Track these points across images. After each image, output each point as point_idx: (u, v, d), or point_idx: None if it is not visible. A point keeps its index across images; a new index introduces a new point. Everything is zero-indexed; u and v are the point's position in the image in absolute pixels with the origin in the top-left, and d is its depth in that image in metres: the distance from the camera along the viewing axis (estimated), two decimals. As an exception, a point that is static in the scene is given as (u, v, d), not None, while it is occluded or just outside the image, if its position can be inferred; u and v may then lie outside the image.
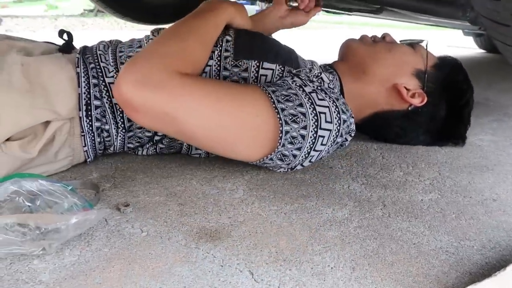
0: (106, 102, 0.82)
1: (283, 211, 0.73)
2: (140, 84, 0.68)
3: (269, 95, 0.77)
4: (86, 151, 0.84)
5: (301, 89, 0.80)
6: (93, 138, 0.83)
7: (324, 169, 0.91)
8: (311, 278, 0.56)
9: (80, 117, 0.81)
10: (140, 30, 4.41)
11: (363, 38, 1.03)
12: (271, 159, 0.80)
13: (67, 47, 0.87)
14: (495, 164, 0.97)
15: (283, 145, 0.77)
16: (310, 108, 0.77)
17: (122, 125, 0.84)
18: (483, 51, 3.35)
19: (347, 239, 0.65)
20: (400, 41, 1.04)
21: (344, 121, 0.81)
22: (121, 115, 0.84)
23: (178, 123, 0.71)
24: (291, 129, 0.76)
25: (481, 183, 0.87)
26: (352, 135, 0.87)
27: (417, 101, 0.95)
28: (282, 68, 0.85)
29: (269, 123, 0.76)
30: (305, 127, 0.77)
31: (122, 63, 0.84)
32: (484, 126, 1.28)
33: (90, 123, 0.82)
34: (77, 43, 0.92)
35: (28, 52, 0.81)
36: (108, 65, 0.84)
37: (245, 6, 0.95)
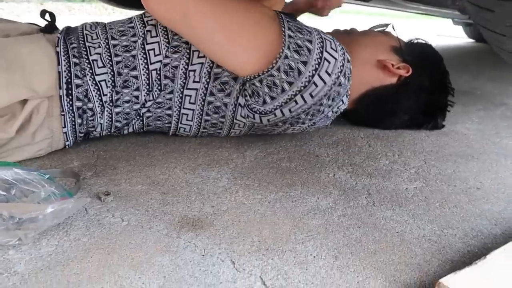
0: (89, 80, 0.81)
1: (267, 200, 0.72)
2: None
3: (281, 20, 0.79)
4: (65, 132, 0.82)
5: (317, 31, 0.81)
6: (73, 118, 0.81)
7: (310, 158, 0.90)
8: (293, 267, 0.55)
9: (60, 96, 0.79)
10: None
11: (336, 30, 1.09)
12: (260, 81, 0.79)
13: (49, 28, 0.85)
14: (480, 153, 0.97)
15: (278, 69, 0.77)
16: (317, 49, 0.77)
17: (110, 99, 0.83)
18: (472, 40, 3.36)
19: (330, 228, 0.65)
20: (369, 28, 1.12)
21: (340, 84, 0.80)
22: (109, 89, 0.82)
23: (187, 8, 0.75)
24: (290, 56, 0.76)
25: (466, 171, 0.87)
26: (345, 101, 0.88)
27: (403, 72, 0.98)
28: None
29: (272, 39, 0.77)
30: (304, 63, 0.76)
31: (113, 38, 0.84)
32: (471, 114, 1.28)
33: (71, 102, 0.80)
34: (60, 27, 0.89)
35: (6, 33, 0.79)
36: (94, 44, 0.83)
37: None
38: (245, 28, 0.77)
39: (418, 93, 1.02)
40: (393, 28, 1.08)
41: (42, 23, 0.89)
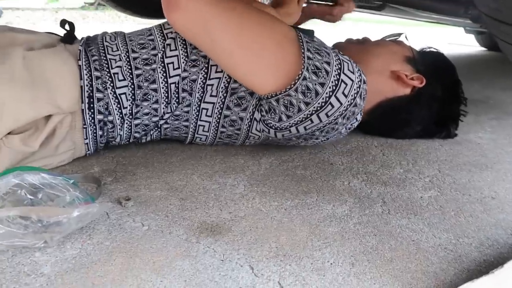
0: (110, 93, 0.82)
1: (283, 207, 0.73)
2: None
3: (301, 41, 0.80)
4: (87, 143, 0.84)
5: (335, 52, 0.82)
6: (94, 131, 0.83)
7: (324, 166, 0.91)
8: (310, 273, 0.56)
9: (82, 110, 0.81)
10: (140, 24, 4.39)
11: (349, 39, 1.10)
12: (277, 100, 0.80)
13: (69, 38, 0.87)
14: (494, 162, 0.98)
15: (296, 90, 0.78)
16: (335, 71, 0.78)
17: (130, 112, 0.84)
18: (484, 49, 3.34)
19: (346, 235, 0.65)
20: (381, 38, 1.12)
21: (356, 105, 0.82)
22: (129, 102, 0.84)
23: (209, 24, 0.76)
24: (309, 78, 0.77)
25: (480, 181, 0.87)
26: (359, 118, 0.89)
27: (417, 83, 0.99)
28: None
29: (291, 60, 0.78)
30: (322, 85, 0.78)
31: (133, 51, 0.85)
32: (484, 124, 1.28)
33: (93, 115, 0.82)
34: (79, 36, 0.92)
35: (30, 45, 0.81)
36: (115, 56, 0.84)
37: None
38: (266, 48, 0.78)
39: (431, 103, 1.02)
40: (406, 38, 1.08)
41: (58, 30, 0.92)
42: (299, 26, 0.94)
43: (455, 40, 3.77)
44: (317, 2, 1.22)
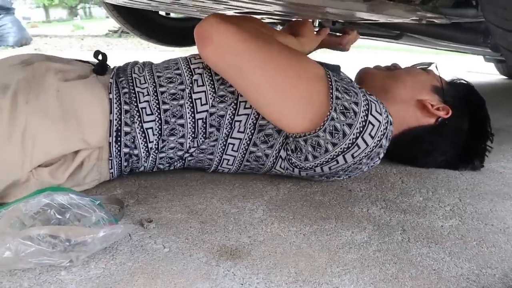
0: (137, 127, 0.84)
1: (302, 232, 0.73)
2: (228, 22, 0.78)
3: (329, 80, 0.81)
4: (112, 173, 0.87)
5: (363, 92, 0.82)
6: (120, 162, 0.86)
7: (343, 192, 0.91)
8: (330, 300, 0.56)
9: (109, 143, 0.83)
10: (162, 51, 4.54)
11: (378, 66, 1.10)
12: (305, 140, 0.81)
13: (101, 69, 0.89)
14: (517, 192, 0.96)
15: (324, 130, 0.78)
16: (363, 112, 0.79)
17: (156, 146, 0.86)
18: (504, 77, 3.31)
19: (366, 263, 0.65)
20: (412, 65, 1.12)
21: (381, 146, 0.82)
22: (155, 137, 0.85)
23: (241, 61, 0.78)
24: (337, 118, 0.78)
25: (503, 211, 0.86)
26: (381, 157, 0.88)
27: (443, 113, 0.98)
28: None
29: (320, 100, 0.79)
30: (350, 126, 0.78)
31: (161, 85, 0.87)
32: (506, 153, 1.26)
33: (119, 148, 0.84)
34: (111, 64, 0.96)
35: (64, 75, 0.84)
36: (143, 89, 0.86)
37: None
38: (296, 87, 0.79)
39: (456, 136, 1.01)
40: (436, 68, 1.07)
41: (87, 56, 0.95)
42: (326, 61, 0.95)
43: (474, 69, 3.75)
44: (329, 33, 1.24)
